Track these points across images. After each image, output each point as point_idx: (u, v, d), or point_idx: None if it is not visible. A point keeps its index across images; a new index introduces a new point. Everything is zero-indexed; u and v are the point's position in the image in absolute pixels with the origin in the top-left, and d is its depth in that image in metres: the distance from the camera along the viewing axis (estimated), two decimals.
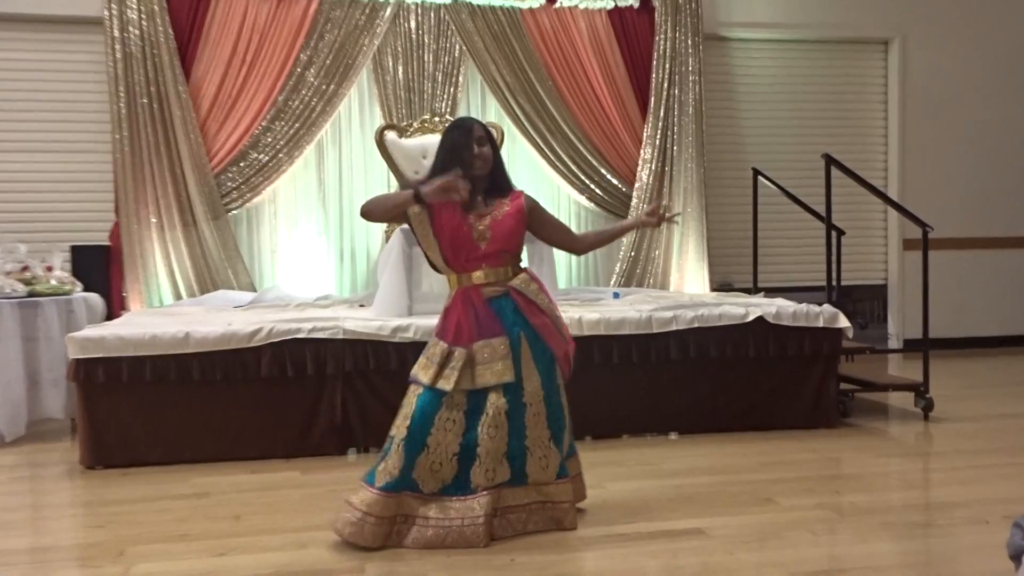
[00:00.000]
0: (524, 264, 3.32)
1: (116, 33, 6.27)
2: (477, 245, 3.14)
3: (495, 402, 3.08)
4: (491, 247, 3.15)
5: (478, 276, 3.15)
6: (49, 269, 5.25)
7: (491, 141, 3.24)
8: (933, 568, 2.95)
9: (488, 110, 6.99)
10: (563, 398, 3.25)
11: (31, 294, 4.98)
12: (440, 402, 3.08)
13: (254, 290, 6.40)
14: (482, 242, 3.14)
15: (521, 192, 3.31)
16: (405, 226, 5.25)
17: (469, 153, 3.14)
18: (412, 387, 3.16)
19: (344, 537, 3.05)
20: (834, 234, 5.85)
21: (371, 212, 3.20)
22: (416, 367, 3.16)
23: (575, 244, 3.50)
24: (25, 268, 5.16)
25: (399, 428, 3.11)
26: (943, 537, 3.20)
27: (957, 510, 3.47)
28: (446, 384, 3.05)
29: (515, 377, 3.09)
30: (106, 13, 6.27)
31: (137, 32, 6.28)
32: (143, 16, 6.28)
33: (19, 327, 4.82)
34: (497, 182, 3.26)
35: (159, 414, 4.30)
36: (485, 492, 3.08)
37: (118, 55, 6.27)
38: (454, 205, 3.12)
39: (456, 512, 3.07)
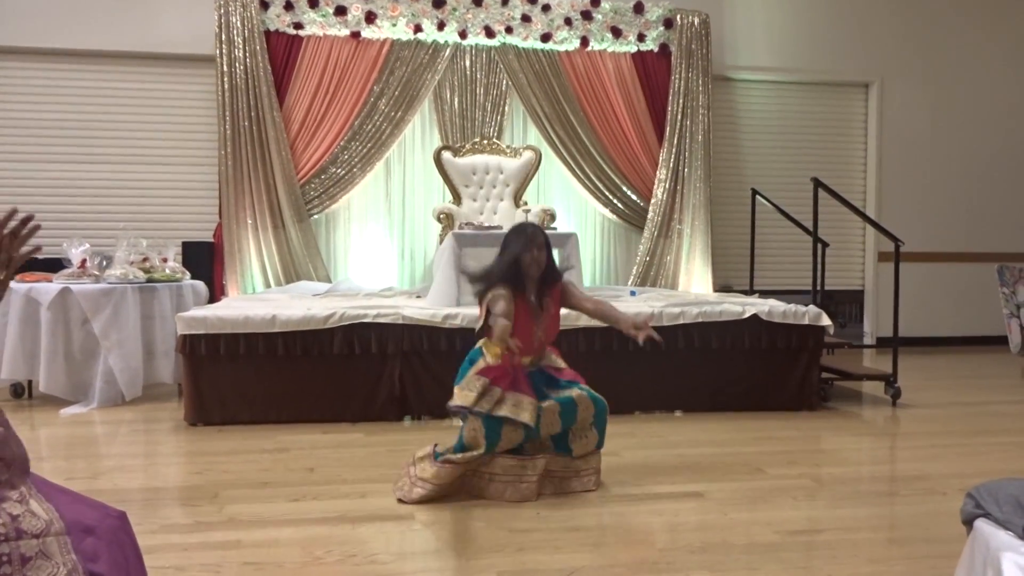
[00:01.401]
0: None
1: (224, 68, 6.33)
2: (533, 343, 3.13)
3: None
4: (541, 344, 3.19)
5: (526, 360, 3.12)
6: (164, 260, 5.30)
7: (547, 246, 3.17)
8: (897, 531, 2.90)
9: (528, 135, 6.97)
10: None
11: (149, 280, 5.03)
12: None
13: (330, 281, 6.42)
14: (536, 341, 3.15)
15: (559, 283, 3.23)
16: (456, 231, 5.30)
17: (528, 258, 3.09)
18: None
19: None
20: (819, 246, 5.77)
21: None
22: (456, 398, 3.01)
23: (587, 310, 3.35)
24: (145, 259, 5.22)
25: (475, 443, 3.04)
26: (906, 505, 3.14)
27: (919, 482, 3.40)
28: (483, 408, 2.96)
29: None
30: (217, 52, 6.34)
31: (241, 67, 6.34)
32: (247, 55, 6.34)
33: (139, 307, 4.89)
34: (547, 278, 3.19)
35: (249, 382, 4.33)
36: (539, 456, 3.08)
37: (225, 86, 6.33)
38: (528, 307, 3.11)
39: (515, 470, 3.04)
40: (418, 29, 6.60)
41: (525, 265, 3.10)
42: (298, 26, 6.47)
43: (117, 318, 4.76)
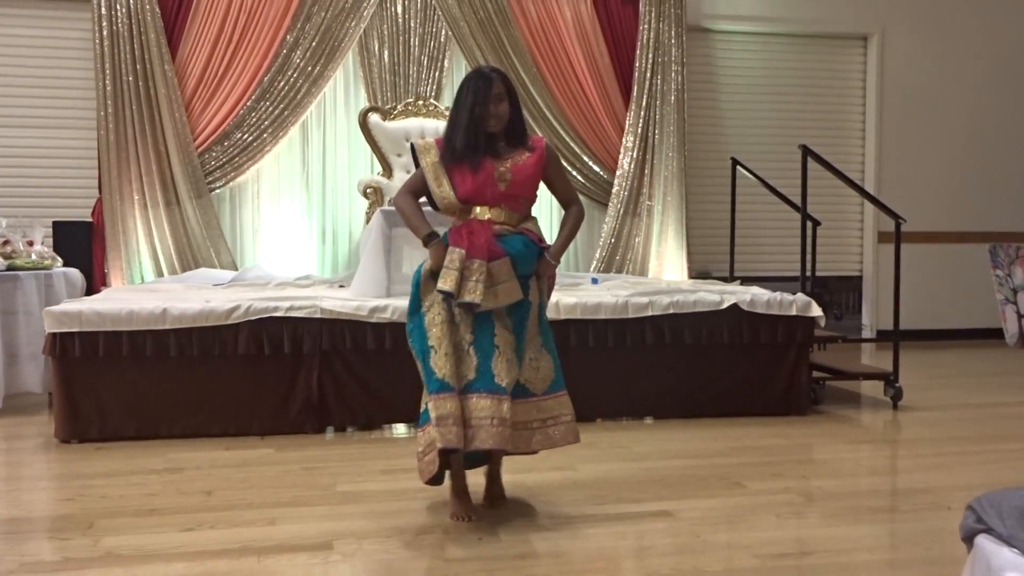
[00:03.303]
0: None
1: (103, 10, 6.18)
2: (497, 185, 3.12)
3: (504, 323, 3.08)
4: (510, 190, 3.14)
5: (495, 213, 3.13)
6: (30, 244, 5.18)
7: (510, 96, 3.20)
8: (896, 552, 2.95)
9: None
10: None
11: (11, 268, 4.90)
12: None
13: (236, 269, 6.33)
14: (502, 183, 3.13)
15: (543, 139, 3.32)
16: (386, 207, 5.25)
17: (484, 111, 3.12)
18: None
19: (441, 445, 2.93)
20: (810, 225, 5.85)
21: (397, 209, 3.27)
22: (439, 281, 3.01)
23: (564, 208, 3.43)
24: (6, 242, 5.09)
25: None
26: (906, 522, 3.20)
27: (921, 496, 3.46)
28: (473, 296, 2.96)
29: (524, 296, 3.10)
30: None
31: (124, 9, 6.19)
32: None
33: None
34: (515, 132, 3.21)
35: (135, 389, 4.25)
36: (507, 397, 2.98)
37: (104, 32, 6.18)
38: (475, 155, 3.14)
39: (485, 411, 2.96)
40: None
41: (483, 121, 3.12)
42: None
43: None
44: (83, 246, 6.06)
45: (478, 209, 3.13)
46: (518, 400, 3.07)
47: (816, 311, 4.87)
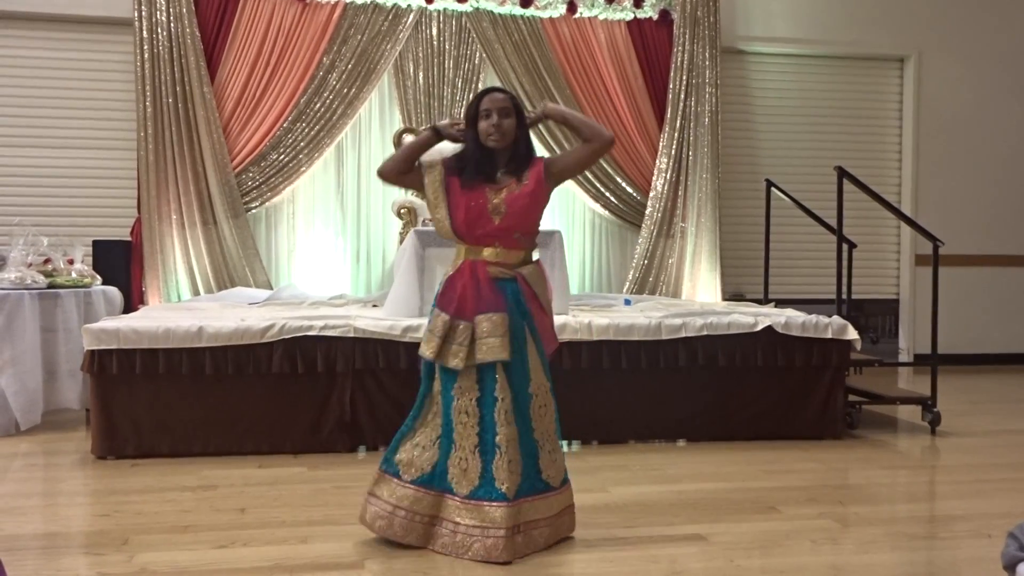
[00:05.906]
0: (536, 257, 3.19)
1: (144, 34, 6.30)
2: (491, 219, 2.99)
3: (504, 387, 2.94)
4: (504, 222, 2.99)
5: (489, 253, 3.01)
6: (70, 262, 5.25)
7: (517, 113, 3.05)
8: None
9: None
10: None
11: (51, 286, 4.98)
12: (452, 394, 2.97)
13: (270, 288, 6.39)
14: (496, 216, 2.99)
15: (540, 159, 3.13)
16: (419, 227, 5.28)
17: (486, 124, 3.00)
18: (434, 382, 3.05)
19: (376, 532, 3.02)
20: (845, 247, 5.80)
21: (386, 170, 3.21)
22: (422, 343, 3.03)
23: (585, 147, 3.15)
24: (47, 261, 5.18)
25: (434, 425, 3.03)
26: (944, 550, 3.14)
27: (960, 523, 3.41)
28: (456, 361, 2.91)
29: (512, 356, 2.93)
30: (135, 14, 6.30)
31: (165, 33, 6.30)
32: (171, 18, 6.31)
33: (38, 318, 4.83)
34: (519, 156, 3.07)
35: (171, 406, 4.29)
36: (509, 504, 2.87)
37: (146, 55, 6.30)
38: (472, 177, 3.02)
39: (484, 520, 2.87)
40: None
41: (483, 134, 3.01)
42: None
43: (11, 330, 4.69)
44: (122, 265, 6.14)
45: (475, 249, 3.02)
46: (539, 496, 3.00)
47: (852, 334, 4.82)
